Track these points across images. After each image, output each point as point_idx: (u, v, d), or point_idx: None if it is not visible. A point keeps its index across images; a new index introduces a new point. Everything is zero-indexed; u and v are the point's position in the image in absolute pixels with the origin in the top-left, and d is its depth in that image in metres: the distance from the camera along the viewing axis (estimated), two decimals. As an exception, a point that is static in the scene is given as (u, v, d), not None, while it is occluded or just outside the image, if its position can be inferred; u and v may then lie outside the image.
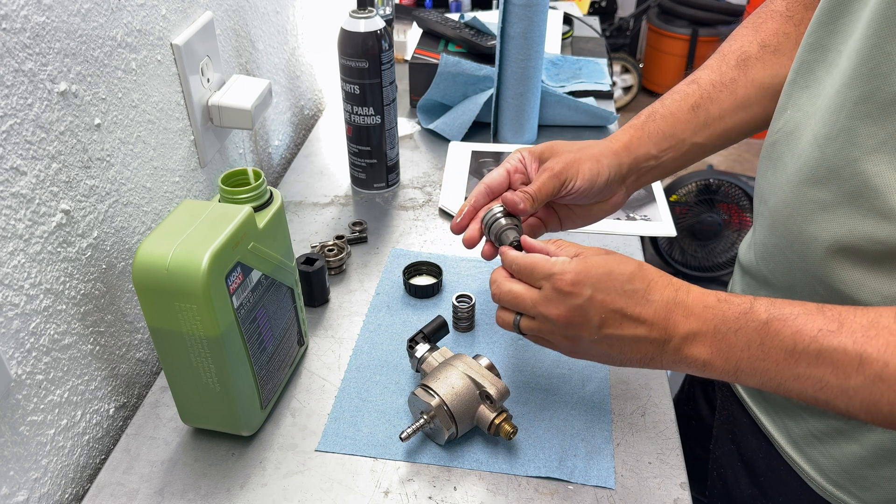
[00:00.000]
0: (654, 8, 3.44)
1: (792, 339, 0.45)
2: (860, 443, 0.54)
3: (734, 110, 0.65)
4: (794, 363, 0.45)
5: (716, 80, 0.66)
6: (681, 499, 0.58)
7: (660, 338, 0.51)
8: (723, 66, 0.67)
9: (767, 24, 0.67)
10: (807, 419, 0.58)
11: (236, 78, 0.82)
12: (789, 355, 0.45)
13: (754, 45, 0.66)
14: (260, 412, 0.62)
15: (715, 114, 0.65)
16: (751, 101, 0.65)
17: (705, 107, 0.65)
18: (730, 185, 2.26)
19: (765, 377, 0.47)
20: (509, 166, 0.65)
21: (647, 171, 0.66)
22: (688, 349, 0.50)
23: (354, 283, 0.81)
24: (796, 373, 0.45)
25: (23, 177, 0.51)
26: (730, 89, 0.65)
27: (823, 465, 0.58)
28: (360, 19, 0.84)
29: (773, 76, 0.65)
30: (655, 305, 0.51)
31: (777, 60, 0.65)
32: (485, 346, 0.72)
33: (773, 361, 0.46)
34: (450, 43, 1.20)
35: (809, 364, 0.45)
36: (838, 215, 0.50)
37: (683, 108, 0.65)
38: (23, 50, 0.50)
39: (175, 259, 0.51)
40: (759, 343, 0.47)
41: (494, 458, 0.61)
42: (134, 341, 0.69)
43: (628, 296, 0.51)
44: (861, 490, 0.55)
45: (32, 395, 0.55)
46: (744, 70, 0.65)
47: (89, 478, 0.63)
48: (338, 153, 1.07)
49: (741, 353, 0.48)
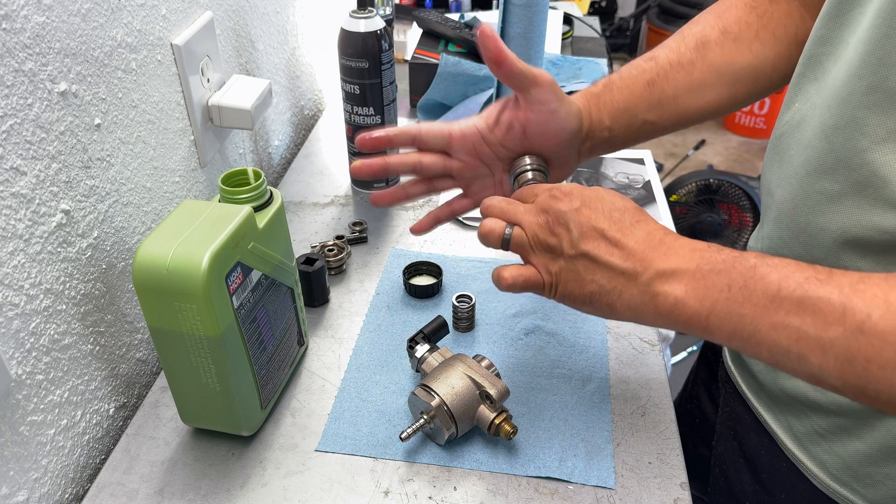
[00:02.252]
0: (654, 8, 3.44)
1: (777, 284, 0.43)
2: (864, 440, 0.54)
3: (688, 92, 0.65)
4: (775, 309, 0.43)
5: (673, 60, 0.65)
6: (681, 499, 0.58)
7: (632, 269, 0.48)
8: (681, 46, 0.66)
9: (731, 11, 0.67)
10: (810, 416, 0.58)
11: (236, 78, 0.82)
12: (771, 300, 0.43)
13: (715, 30, 0.66)
14: (260, 412, 0.62)
15: (669, 93, 0.65)
16: (706, 84, 0.65)
17: (661, 85, 0.65)
18: (730, 185, 2.26)
19: (739, 324, 0.44)
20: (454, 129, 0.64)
21: (600, 141, 0.65)
22: (660, 285, 0.47)
23: (354, 283, 0.81)
24: (774, 321, 0.43)
25: (23, 177, 0.51)
26: (686, 70, 0.65)
27: (827, 462, 0.57)
28: (360, 19, 0.84)
29: (730, 63, 0.65)
30: (637, 237, 0.49)
31: (736, 48, 0.65)
32: (485, 346, 0.72)
33: (752, 306, 0.43)
34: (450, 43, 1.20)
35: (790, 312, 0.42)
36: (846, 206, 0.50)
37: (639, 83, 0.65)
38: (23, 50, 0.50)
39: (175, 259, 0.51)
40: (742, 285, 0.44)
41: (494, 458, 0.61)
42: (134, 341, 0.69)
43: (613, 220, 0.50)
44: (864, 487, 0.55)
45: (32, 395, 0.55)
46: (702, 53, 0.65)
47: (89, 478, 0.63)
48: (338, 153, 1.07)
49: (719, 295, 0.45)
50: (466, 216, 0.90)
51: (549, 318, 0.75)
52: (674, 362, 1.95)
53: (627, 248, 0.49)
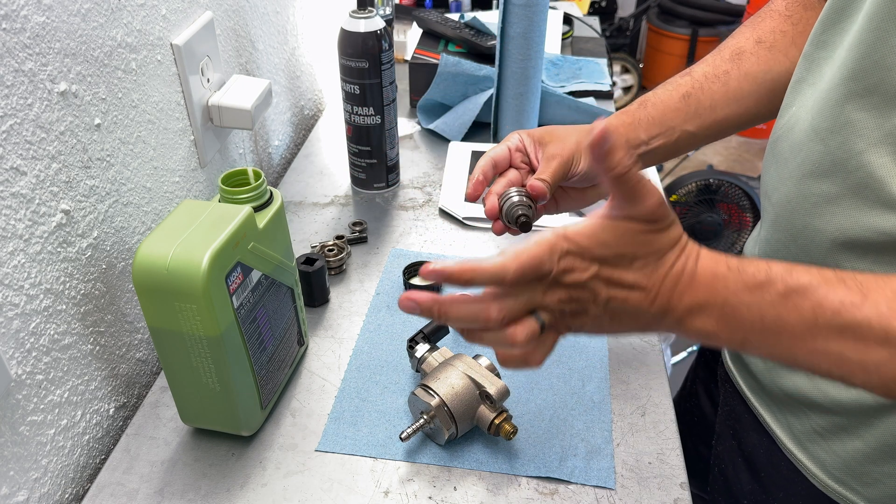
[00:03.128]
0: (654, 8, 3.44)
1: (812, 312, 0.41)
2: (862, 439, 0.54)
3: (726, 102, 0.66)
4: (812, 338, 0.42)
5: (709, 73, 0.67)
6: (681, 499, 0.58)
7: (660, 311, 0.45)
8: (717, 59, 0.68)
9: (766, 22, 0.68)
10: (809, 415, 0.58)
11: (236, 78, 0.82)
12: (808, 330, 0.42)
13: (750, 40, 0.67)
14: (260, 412, 0.62)
15: (706, 104, 0.66)
16: (743, 93, 0.66)
17: (696, 96, 0.66)
18: (730, 185, 2.26)
19: (775, 350, 0.43)
20: (510, 144, 0.65)
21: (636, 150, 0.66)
22: (691, 322, 0.45)
23: (354, 283, 0.81)
24: (812, 348, 0.42)
25: (23, 177, 0.51)
26: (722, 81, 0.66)
27: (825, 461, 0.58)
28: (360, 19, 0.84)
29: (767, 71, 0.66)
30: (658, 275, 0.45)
31: (771, 56, 0.66)
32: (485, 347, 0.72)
33: (789, 335, 0.42)
34: (450, 43, 1.20)
35: (828, 339, 0.41)
36: (843, 207, 0.50)
37: (674, 97, 0.66)
38: (23, 50, 0.50)
39: (175, 259, 0.51)
40: (775, 316, 0.43)
41: (494, 458, 0.61)
42: (134, 341, 0.69)
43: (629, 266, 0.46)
44: (863, 486, 0.55)
45: (32, 395, 0.55)
46: (737, 63, 0.66)
47: (89, 478, 0.63)
48: (338, 153, 1.07)
49: (752, 326, 0.43)
50: (468, 216, 0.90)
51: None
52: (674, 362, 1.95)
53: (652, 292, 0.45)
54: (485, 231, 0.89)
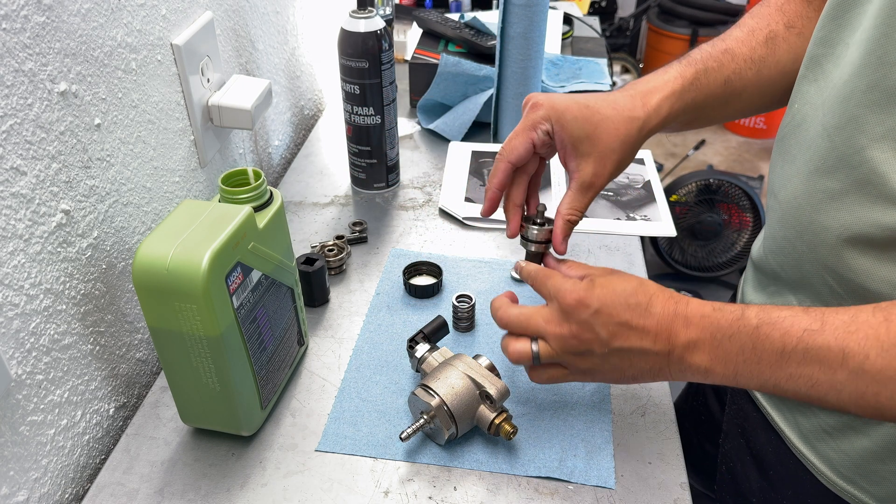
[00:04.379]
0: (654, 8, 3.44)
1: (781, 341, 0.47)
2: (870, 437, 0.54)
3: (756, 90, 0.66)
4: (786, 364, 0.47)
5: (746, 56, 0.65)
6: (681, 499, 0.58)
7: (664, 350, 0.52)
8: (752, 41, 0.66)
9: (790, 5, 0.67)
10: (817, 414, 0.58)
11: (236, 78, 0.82)
12: (780, 356, 0.47)
13: (780, 24, 0.66)
14: (260, 412, 0.62)
15: (738, 89, 0.65)
16: (772, 83, 0.66)
17: (734, 84, 0.65)
18: (730, 185, 2.26)
19: (761, 379, 0.49)
20: (535, 138, 0.60)
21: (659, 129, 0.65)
22: (690, 358, 0.51)
23: (354, 283, 0.81)
24: (788, 373, 0.47)
25: (23, 177, 0.51)
26: (757, 67, 0.65)
27: (833, 459, 0.58)
28: (360, 19, 0.84)
29: (794, 60, 0.65)
30: (658, 317, 0.52)
31: (800, 43, 0.65)
32: (485, 346, 0.72)
33: (767, 364, 0.48)
34: (450, 43, 1.20)
35: (799, 363, 0.47)
36: (847, 204, 0.51)
37: (719, 82, 0.65)
38: (23, 50, 0.50)
39: (175, 259, 0.51)
40: (752, 347, 0.48)
41: (494, 458, 0.61)
42: (134, 341, 0.69)
43: (632, 309, 0.53)
44: (871, 484, 0.56)
45: (32, 395, 0.55)
46: (772, 49, 0.66)
47: (89, 478, 0.63)
48: (338, 153, 1.07)
49: (737, 358, 0.49)
50: (468, 216, 0.90)
51: (549, 318, 0.75)
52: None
53: (653, 331, 0.52)
54: (485, 231, 0.89)
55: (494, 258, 0.84)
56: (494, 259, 0.84)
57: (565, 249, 0.62)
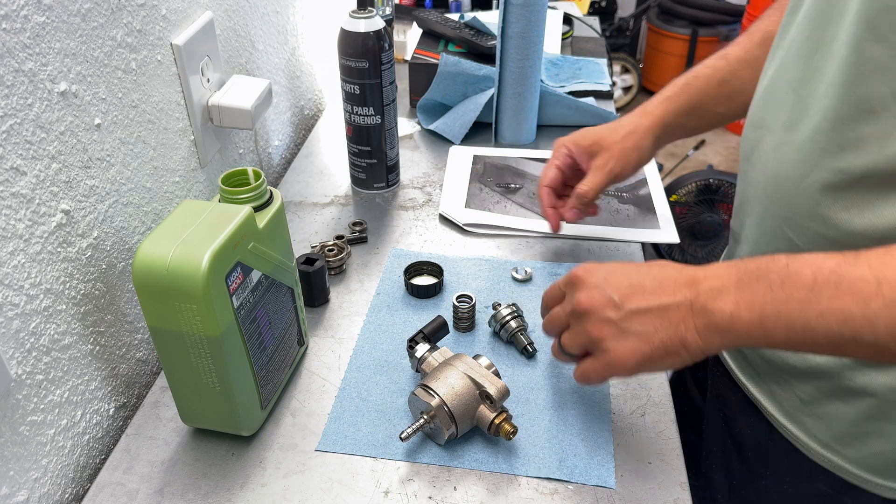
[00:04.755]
0: (654, 8, 3.44)
1: (812, 275, 0.45)
2: (848, 404, 0.56)
3: (755, 85, 0.69)
4: (817, 299, 0.44)
5: (741, 56, 0.73)
6: (681, 499, 0.58)
7: (686, 300, 0.49)
8: (748, 43, 0.73)
9: None
10: (792, 384, 0.60)
11: (236, 78, 0.82)
12: (810, 291, 0.45)
13: (778, 24, 0.69)
14: (260, 412, 0.62)
15: (738, 87, 0.72)
16: None
17: (730, 82, 0.72)
18: (730, 185, 2.26)
19: (789, 320, 0.46)
20: (559, 163, 0.76)
21: (673, 133, 0.76)
22: (714, 303, 0.48)
23: (354, 283, 0.81)
24: (820, 309, 0.44)
25: (23, 177, 0.51)
26: (753, 66, 0.70)
27: (811, 427, 0.60)
28: (360, 19, 0.84)
29: None
30: (670, 275, 0.51)
31: None
32: (485, 346, 0.72)
33: (797, 301, 0.45)
34: (450, 43, 1.20)
35: (832, 298, 0.44)
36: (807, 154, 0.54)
37: (713, 83, 0.73)
38: (23, 50, 0.50)
39: (175, 259, 0.51)
40: (780, 283, 0.46)
41: (494, 458, 0.61)
42: (134, 341, 0.69)
43: (642, 272, 0.52)
44: (845, 447, 0.58)
45: (32, 395, 0.55)
46: (766, 49, 0.69)
47: (89, 478, 0.63)
48: (338, 153, 1.07)
49: (764, 298, 0.46)
50: (468, 223, 0.90)
51: (549, 318, 0.75)
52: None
53: (669, 286, 0.50)
54: (484, 235, 0.89)
55: (495, 257, 0.84)
56: (495, 258, 0.84)
57: (573, 218, 0.76)
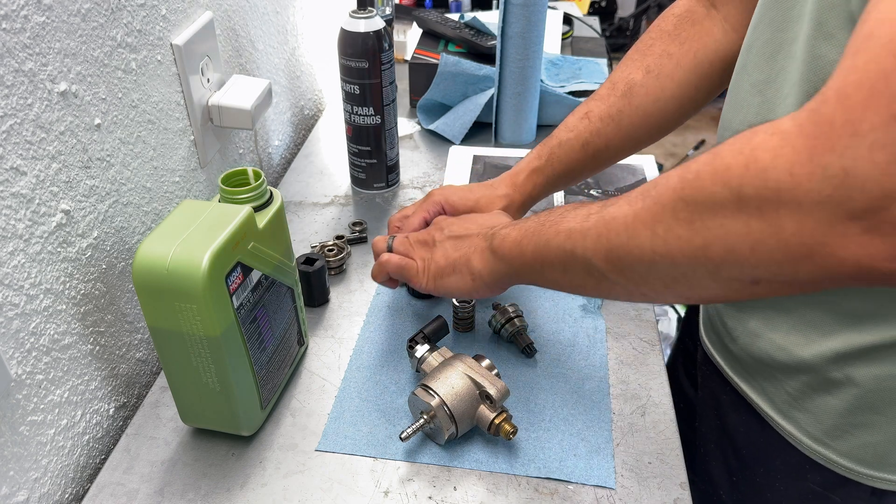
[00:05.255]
0: (654, 8, 3.44)
1: (571, 208, 0.54)
2: (835, 396, 0.57)
3: (620, 140, 0.74)
4: (562, 220, 0.53)
5: (604, 113, 0.74)
6: (681, 499, 0.58)
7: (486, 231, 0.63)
8: (611, 96, 0.75)
9: (654, 45, 0.75)
10: (780, 379, 0.61)
11: (236, 78, 0.82)
12: (559, 216, 0.54)
13: (640, 70, 0.74)
14: (260, 412, 0.62)
15: (601, 146, 0.74)
16: (634, 126, 0.74)
17: (594, 143, 0.74)
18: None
19: (538, 238, 0.55)
20: (428, 215, 0.74)
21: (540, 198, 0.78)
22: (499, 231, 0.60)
23: (354, 283, 0.81)
24: (558, 228, 0.53)
25: (23, 177, 0.51)
26: (616, 121, 0.73)
27: (802, 421, 0.60)
28: (360, 19, 0.84)
29: (656, 101, 0.73)
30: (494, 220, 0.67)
31: (659, 84, 0.73)
32: (485, 346, 0.72)
33: (549, 224, 0.54)
34: (450, 43, 1.20)
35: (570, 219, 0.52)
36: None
37: (576, 148, 0.74)
38: (23, 50, 0.50)
39: (175, 259, 0.51)
40: (547, 214, 0.56)
41: (494, 458, 0.61)
42: (134, 341, 0.69)
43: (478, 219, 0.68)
44: (835, 440, 0.58)
45: (32, 395, 0.55)
46: (629, 99, 0.73)
47: (89, 478, 0.63)
48: (338, 153, 1.07)
49: (533, 223, 0.57)
50: None
51: (549, 317, 0.75)
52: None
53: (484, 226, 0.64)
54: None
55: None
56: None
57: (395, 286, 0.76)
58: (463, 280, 0.63)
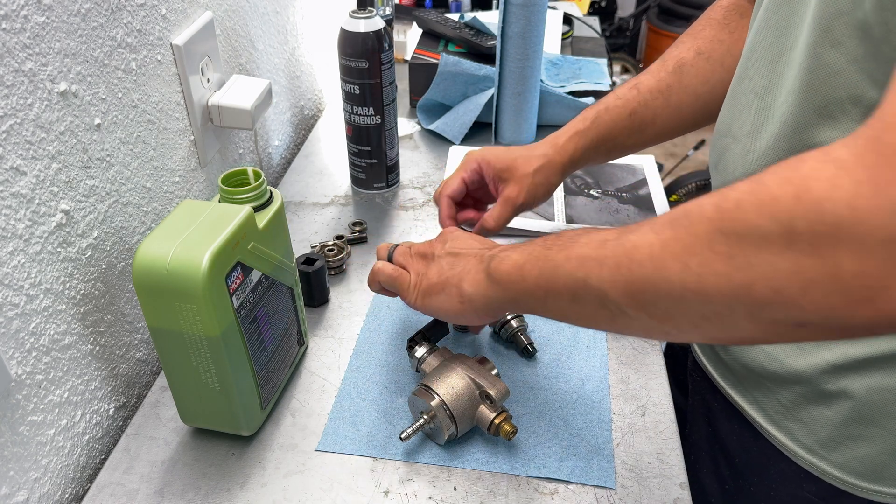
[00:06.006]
0: (654, 8, 3.44)
1: (580, 231, 0.49)
2: (830, 408, 0.56)
3: (666, 116, 0.73)
4: (572, 245, 0.48)
5: (653, 87, 0.73)
6: (681, 499, 0.58)
7: (485, 253, 0.58)
8: (661, 72, 0.74)
9: (706, 31, 0.74)
10: (773, 390, 0.60)
11: (236, 78, 0.82)
12: (569, 240, 0.49)
13: (691, 51, 0.73)
14: (260, 412, 0.62)
15: (648, 118, 0.73)
16: (682, 107, 0.73)
17: (641, 114, 0.72)
18: (730, 185, 2.26)
19: (545, 264, 0.50)
20: (466, 176, 0.74)
21: (579, 166, 0.76)
22: (499, 254, 0.56)
23: (354, 283, 0.81)
24: (568, 254, 0.48)
25: (23, 177, 0.51)
26: (664, 95, 0.72)
27: (796, 432, 0.60)
28: (360, 19, 0.84)
29: (704, 83, 0.72)
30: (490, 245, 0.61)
31: (709, 67, 0.72)
32: (485, 346, 0.72)
33: (557, 248, 0.49)
34: (450, 43, 1.20)
35: (582, 245, 0.47)
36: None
37: (623, 115, 0.73)
38: (23, 50, 0.50)
39: (175, 259, 0.51)
40: (555, 238, 0.51)
41: (494, 458, 0.61)
42: (134, 341, 0.69)
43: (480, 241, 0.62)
44: (829, 452, 0.58)
45: (32, 395, 0.55)
46: (679, 76, 0.72)
47: (89, 478, 0.63)
48: (338, 153, 1.07)
49: (535, 248, 0.52)
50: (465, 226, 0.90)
51: (549, 318, 0.75)
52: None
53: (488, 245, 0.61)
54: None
55: (494, 258, 0.84)
56: (494, 259, 0.84)
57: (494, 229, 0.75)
58: (450, 301, 0.58)
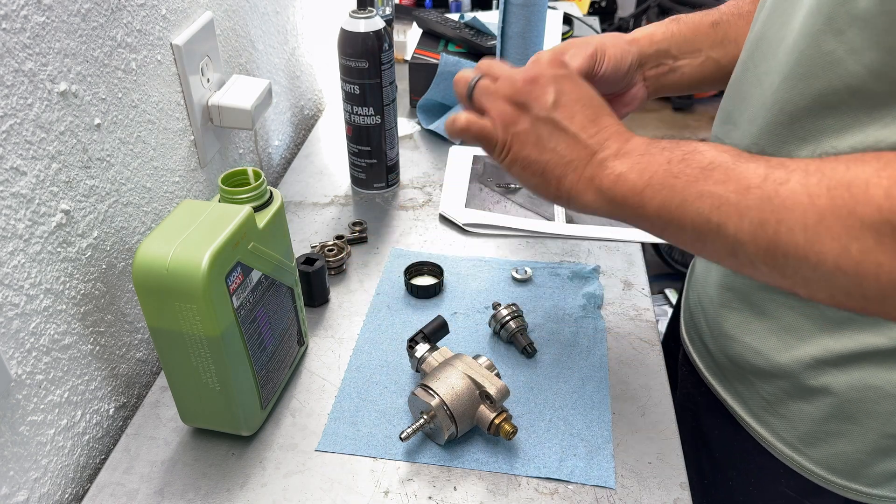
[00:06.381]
0: (654, 8, 3.44)
1: (712, 158, 0.44)
2: (811, 404, 0.57)
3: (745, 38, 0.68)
4: (704, 179, 0.44)
5: (734, 11, 0.69)
6: (681, 499, 0.58)
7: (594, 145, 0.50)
8: (740, 1, 0.70)
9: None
10: (755, 383, 0.61)
11: (236, 78, 0.82)
12: (702, 171, 0.44)
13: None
14: (260, 412, 0.62)
15: (732, 36, 0.68)
16: None
17: (724, 27, 0.68)
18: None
19: (670, 194, 0.45)
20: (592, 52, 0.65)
21: (665, 72, 0.68)
22: (611, 161, 0.49)
23: (354, 283, 0.81)
24: (701, 189, 0.44)
25: (23, 177, 0.51)
26: (746, 19, 0.67)
27: (777, 426, 0.60)
28: (360, 19, 0.84)
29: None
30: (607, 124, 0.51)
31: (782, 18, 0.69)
32: (485, 346, 0.72)
33: (685, 177, 0.45)
34: (450, 43, 1.20)
35: (717, 182, 0.43)
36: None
37: (705, 22, 0.68)
38: (23, 50, 0.50)
39: (175, 259, 0.51)
40: (681, 159, 0.46)
41: (494, 458, 0.61)
42: (134, 341, 0.69)
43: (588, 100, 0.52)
44: (809, 448, 0.58)
45: (32, 395, 0.55)
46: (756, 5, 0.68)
47: (89, 478, 0.63)
48: (338, 153, 1.07)
49: (658, 167, 0.46)
50: (468, 223, 0.90)
51: (550, 317, 0.75)
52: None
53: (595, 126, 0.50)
54: (485, 235, 0.89)
55: (495, 257, 0.84)
56: (495, 258, 0.84)
57: None
58: (545, 190, 0.52)
